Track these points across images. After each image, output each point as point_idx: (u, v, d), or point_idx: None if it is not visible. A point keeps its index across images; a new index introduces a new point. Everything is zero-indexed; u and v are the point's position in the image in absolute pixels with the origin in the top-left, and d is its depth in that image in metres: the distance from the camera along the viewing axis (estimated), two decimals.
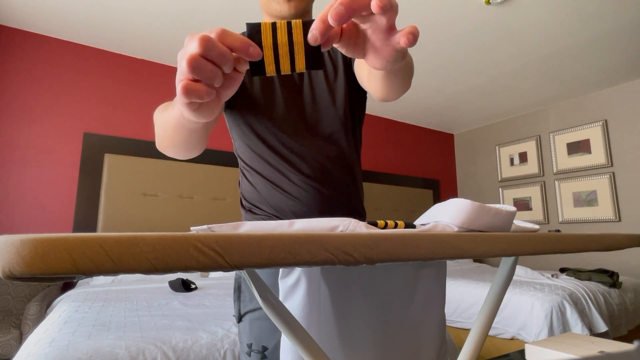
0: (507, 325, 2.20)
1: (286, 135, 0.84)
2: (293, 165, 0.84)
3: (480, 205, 0.55)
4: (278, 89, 0.85)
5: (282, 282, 0.69)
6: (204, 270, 0.29)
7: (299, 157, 0.85)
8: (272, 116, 0.85)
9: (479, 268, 3.55)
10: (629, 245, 0.67)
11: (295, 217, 0.84)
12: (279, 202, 0.84)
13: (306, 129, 0.86)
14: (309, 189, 0.84)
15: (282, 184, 0.84)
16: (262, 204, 0.86)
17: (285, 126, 0.85)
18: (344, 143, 0.90)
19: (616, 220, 3.46)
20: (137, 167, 2.84)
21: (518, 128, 4.37)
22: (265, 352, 0.73)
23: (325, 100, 0.88)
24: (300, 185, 0.84)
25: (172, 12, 2.44)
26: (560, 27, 2.60)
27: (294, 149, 0.84)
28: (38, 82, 2.64)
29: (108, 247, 0.24)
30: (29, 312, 2.02)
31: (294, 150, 0.84)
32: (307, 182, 0.84)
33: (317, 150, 0.85)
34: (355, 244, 0.37)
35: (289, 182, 0.84)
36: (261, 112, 0.85)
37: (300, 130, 0.85)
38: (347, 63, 0.91)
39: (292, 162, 0.84)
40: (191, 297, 1.88)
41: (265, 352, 0.73)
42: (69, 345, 1.09)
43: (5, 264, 0.22)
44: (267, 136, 0.85)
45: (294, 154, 0.84)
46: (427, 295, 0.82)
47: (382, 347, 0.75)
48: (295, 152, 0.84)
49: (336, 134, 0.88)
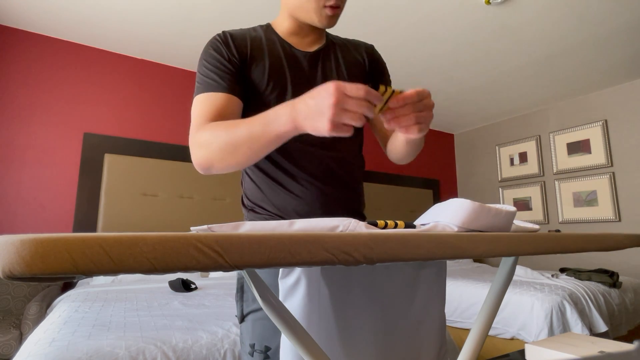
0: (507, 325, 2.20)
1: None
2: (298, 165, 0.85)
3: (480, 205, 0.55)
4: (289, 90, 0.86)
5: (282, 282, 0.69)
6: (204, 270, 0.29)
7: (304, 156, 0.85)
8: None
9: (479, 268, 3.55)
10: (629, 245, 0.67)
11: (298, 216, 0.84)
12: (282, 201, 0.85)
13: None
14: (312, 189, 0.85)
15: (286, 183, 0.85)
16: (266, 203, 0.86)
17: None
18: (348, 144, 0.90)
19: (616, 220, 3.46)
20: (137, 167, 2.84)
21: (518, 128, 4.37)
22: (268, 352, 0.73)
23: None
24: (304, 184, 0.84)
25: (172, 12, 2.44)
26: (560, 27, 2.60)
27: (300, 149, 0.85)
28: (38, 82, 2.64)
29: (108, 247, 0.24)
30: (29, 312, 2.02)
31: (299, 149, 0.85)
32: (312, 181, 0.85)
33: (322, 150, 0.86)
34: (355, 244, 0.37)
35: (293, 182, 0.84)
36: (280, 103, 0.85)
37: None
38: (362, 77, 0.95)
39: (298, 162, 0.85)
40: (191, 297, 1.88)
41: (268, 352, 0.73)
42: (69, 345, 1.09)
43: (6, 264, 0.22)
44: None
45: (300, 153, 0.85)
46: (427, 295, 0.82)
47: (382, 347, 0.75)
48: (300, 152, 0.85)
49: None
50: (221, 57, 0.82)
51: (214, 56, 0.82)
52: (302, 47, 0.90)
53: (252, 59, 0.84)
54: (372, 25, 2.58)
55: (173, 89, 3.14)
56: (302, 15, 0.84)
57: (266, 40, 0.87)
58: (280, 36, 0.89)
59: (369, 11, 2.42)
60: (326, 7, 0.81)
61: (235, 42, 0.84)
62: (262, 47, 0.86)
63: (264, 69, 0.84)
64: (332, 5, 0.80)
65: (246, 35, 0.87)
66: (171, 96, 3.13)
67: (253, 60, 0.84)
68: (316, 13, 0.82)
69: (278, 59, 0.86)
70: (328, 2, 0.80)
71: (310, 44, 0.91)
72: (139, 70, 3.02)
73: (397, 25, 2.58)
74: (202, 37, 2.72)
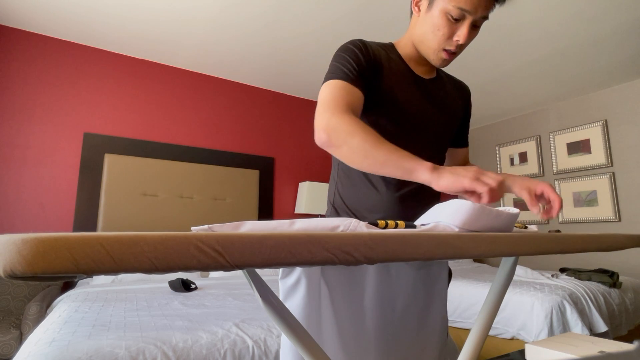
0: (507, 325, 2.20)
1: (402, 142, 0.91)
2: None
3: (480, 207, 0.55)
4: (403, 107, 0.92)
5: (282, 282, 0.69)
6: (205, 269, 0.29)
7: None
8: (400, 122, 0.92)
9: (479, 268, 3.54)
10: (629, 246, 0.67)
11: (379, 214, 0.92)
12: (372, 202, 0.92)
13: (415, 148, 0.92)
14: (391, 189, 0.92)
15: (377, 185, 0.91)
16: (360, 206, 0.92)
17: (403, 135, 0.92)
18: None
19: (616, 220, 3.46)
20: (137, 167, 2.84)
21: (518, 128, 4.37)
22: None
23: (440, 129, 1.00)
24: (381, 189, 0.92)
25: (172, 12, 2.44)
26: (560, 27, 2.60)
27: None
28: (38, 82, 2.64)
29: (109, 247, 0.24)
30: (29, 312, 2.02)
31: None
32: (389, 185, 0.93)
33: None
34: (356, 244, 0.37)
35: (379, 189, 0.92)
36: (392, 117, 0.92)
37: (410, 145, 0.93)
38: (459, 115, 1.05)
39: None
40: (191, 297, 1.88)
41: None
42: (69, 345, 1.09)
43: (7, 263, 0.22)
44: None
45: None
46: (427, 295, 0.82)
47: (383, 346, 0.75)
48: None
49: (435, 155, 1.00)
50: (362, 56, 0.88)
51: (355, 53, 0.89)
52: (421, 73, 0.98)
53: (382, 70, 0.92)
54: (372, 25, 2.58)
55: (173, 89, 3.14)
56: (422, 49, 0.92)
57: (389, 58, 0.95)
58: (402, 57, 0.97)
59: (369, 11, 2.42)
60: (445, 50, 0.87)
61: (372, 50, 0.92)
62: (388, 63, 0.93)
63: (389, 81, 0.91)
64: (450, 50, 0.87)
65: (378, 48, 0.95)
66: (171, 96, 3.13)
67: (382, 71, 0.92)
68: (433, 53, 0.89)
69: (401, 76, 0.93)
70: (448, 47, 0.86)
71: (426, 72, 0.99)
72: (139, 70, 3.02)
73: (397, 25, 2.58)
74: (202, 37, 2.72)
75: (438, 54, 0.88)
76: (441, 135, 0.98)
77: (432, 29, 0.86)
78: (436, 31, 0.86)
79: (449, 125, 0.99)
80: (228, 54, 2.94)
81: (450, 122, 0.99)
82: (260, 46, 2.84)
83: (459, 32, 0.84)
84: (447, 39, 0.86)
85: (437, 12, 0.85)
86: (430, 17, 0.86)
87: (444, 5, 0.83)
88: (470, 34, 0.86)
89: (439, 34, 0.86)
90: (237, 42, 2.78)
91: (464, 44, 0.86)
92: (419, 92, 0.95)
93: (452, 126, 1.00)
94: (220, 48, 2.87)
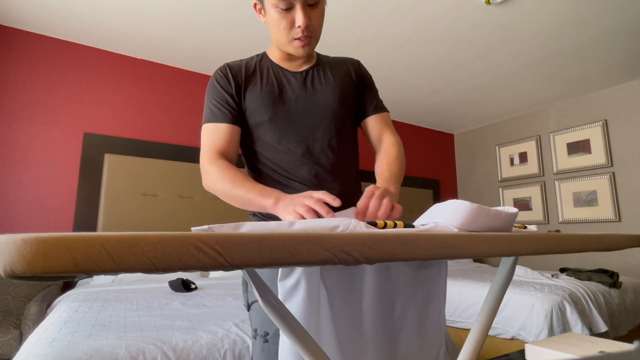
0: (507, 325, 2.20)
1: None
2: (291, 175, 0.96)
3: (479, 207, 0.55)
4: (283, 107, 0.97)
5: (281, 283, 0.69)
6: (205, 269, 0.29)
7: (297, 167, 0.97)
8: (280, 118, 0.97)
9: (479, 268, 3.55)
10: (629, 246, 0.67)
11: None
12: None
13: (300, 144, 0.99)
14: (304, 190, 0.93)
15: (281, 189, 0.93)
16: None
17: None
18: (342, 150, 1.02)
19: (616, 220, 3.46)
20: (137, 167, 2.84)
21: (518, 128, 4.37)
22: (267, 337, 0.85)
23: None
24: (298, 188, 0.95)
25: (172, 12, 2.44)
26: (560, 27, 2.60)
27: (292, 160, 0.98)
28: (38, 82, 2.64)
29: (109, 247, 0.24)
30: (29, 312, 2.02)
31: (291, 160, 0.97)
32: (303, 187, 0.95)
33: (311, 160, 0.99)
34: (355, 244, 0.37)
35: (288, 188, 0.95)
36: (272, 117, 0.97)
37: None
38: (351, 89, 1.05)
39: (291, 172, 0.97)
40: (191, 297, 1.88)
41: (267, 337, 0.85)
42: (69, 345, 1.09)
43: (7, 263, 0.22)
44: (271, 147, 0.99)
45: (292, 164, 0.97)
46: (427, 295, 0.82)
47: (383, 347, 0.75)
48: (292, 163, 0.97)
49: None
50: (222, 90, 0.96)
51: (217, 88, 0.96)
52: (293, 68, 1.01)
53: (247, 84, 0.97)
54: (372, 26, 2.58)
55: (173, 89, 3.14)
56: (280, 47, 0.96)
57: (259, 67, 1.00)
58: (273, 62, 1.02)
59: (369, 11, 2.42)
60: (295, 39, 0.91)
61: (232, 72, 0.97)
62: (256, 72, 0.99)
63: (257, 90, 0.96)
64: (300, 37, 0.90)
65: (241, 65, 1.00)
66: (171, 96, 3.13)
67: (247, 85, 0.97)
68: (288, 46, 0.93)
69: (269, 80, 0.98)
70: (295, 35, 0.90)
71: (300, 65, 1.02)
72: (139, 70, 3.02)
73: (397, 25, 2.58)
74: (203, 37, 2.72)
75: (292, 45, 0.92)
76: (332, 117, 0.98)
77: (274, 26, 0.91)
78: (278, 27, 0.90)
79: (338, 104, 0.99)
80: (228, 54, 2.94)
81: (339, 101, 1.00)
82: (260, 46, 2.84)
83: (297, 18, 0.88)
84: (290, 29, 0.89)
85: (270, 10, 0.89)
86: (269, 17, 0.91)
87: (270, 1, 0.87)
88: (309, 14, 0.88)
89: (281, 28, 0.90)
90: (237, 42, 2.78)
91: (310, 25, 0.89)
92: (291, 86, 0.98)
93: (343, 104, 1.00)
94: (220, 48, 2.88)
